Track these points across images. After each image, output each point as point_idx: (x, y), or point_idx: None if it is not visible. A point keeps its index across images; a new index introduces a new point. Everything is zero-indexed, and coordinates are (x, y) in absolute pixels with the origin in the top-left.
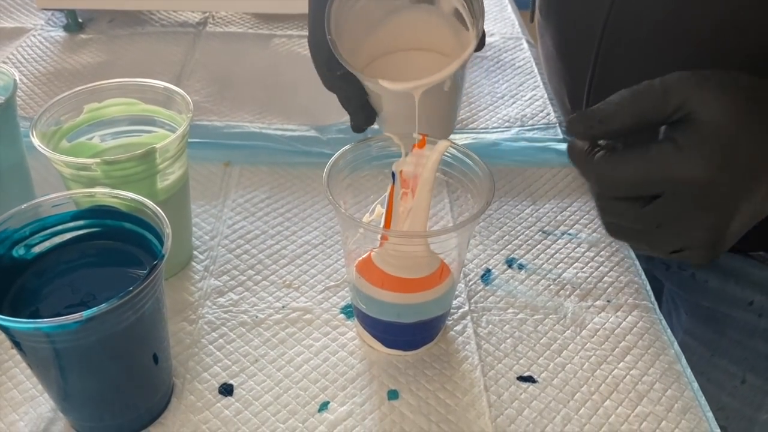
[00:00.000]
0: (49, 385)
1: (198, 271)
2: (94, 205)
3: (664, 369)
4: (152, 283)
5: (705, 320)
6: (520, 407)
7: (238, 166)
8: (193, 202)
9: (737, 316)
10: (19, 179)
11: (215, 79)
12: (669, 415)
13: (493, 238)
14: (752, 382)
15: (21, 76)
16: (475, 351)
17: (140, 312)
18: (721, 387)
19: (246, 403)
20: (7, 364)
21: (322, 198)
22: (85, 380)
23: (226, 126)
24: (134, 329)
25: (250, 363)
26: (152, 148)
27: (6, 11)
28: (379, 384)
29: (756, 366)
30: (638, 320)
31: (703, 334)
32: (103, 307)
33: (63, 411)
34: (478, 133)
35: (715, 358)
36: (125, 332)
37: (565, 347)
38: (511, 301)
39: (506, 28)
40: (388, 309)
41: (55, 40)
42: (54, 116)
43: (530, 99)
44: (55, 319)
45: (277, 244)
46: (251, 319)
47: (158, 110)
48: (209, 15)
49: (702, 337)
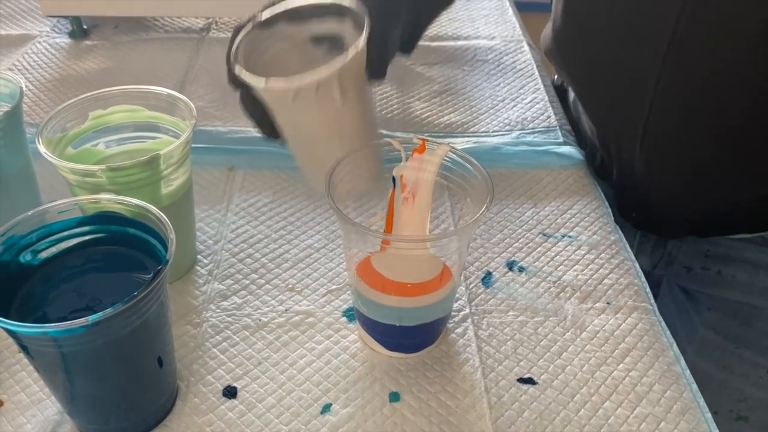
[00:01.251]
0: (56, 388)
1: (202, 275)
2: (99, 211)
3: (664, 370)
4: (157, 287)
5: (731, 314)
6: (520, 409)
7: (242, 171)
8: (197, 207)
9: (765, 306)
10: (25, 186)
11: (219, 84)
12: (668, 416)
13: (494, 241)
14: None
15: (26, 82)
16: (475, 353)
17: (145, 316)
18: (746, 378)
19: (249, 405)
20: (14, 368)
21: (324, 202)
22: (91, 383)
23: (230, 131)
24: (139, 333)
25: (253, 366)
26: (156, 154)
27: (12, 18)
28: (380, 386)
29: None
30: (638, 322)
31: (727, 327)
32: (108, 311)
33: (69, 414)
34: (479, 137)
35: (739, 350)
36: (130, 336)
37: (565, 349)
38: (512, 303)
39: (507, 31)
40: (390, 312)
41: (60, 47)
42: (60, 123)
43: (531, 102)
44: (61, 324)
45: (280, 248)
46: (254, 323)
47: (162, 117)
48: (213, 21)
49: (726, 331)
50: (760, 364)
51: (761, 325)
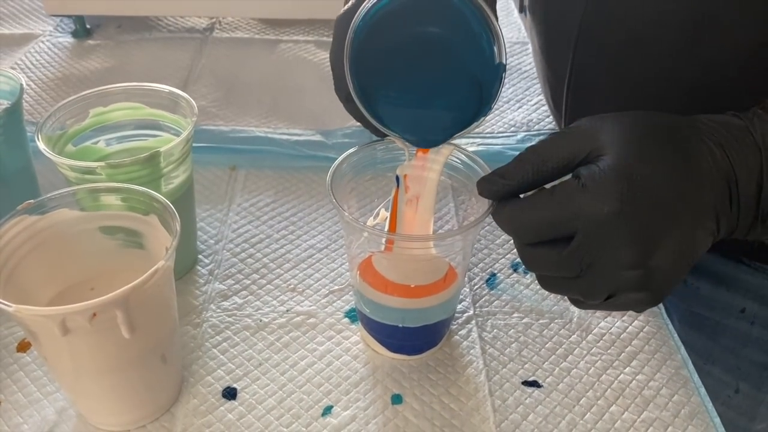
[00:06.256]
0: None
1: (203, 274)
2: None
3: (671, 374)
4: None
5: (697, 328)
6: (524, 412)
7: (244, 171)
8: (199, 206)
9: (729, 324)
10: (25, 183)
11: (222, 83)
12: (676, 421)
13: (499, 242)
14: (746, 392)
15: (29, 81)
16: (479, 355)
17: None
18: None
19: (249, 406)
20: (12, 368)
21: (326, 202)
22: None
23: (232, 130)
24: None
25: (253, 367)
26: (156, 151)
27: (15, 17)
28: (383, 388)
29: (749, 375)
30: (645, 325)
31: (695, 342)
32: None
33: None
34: (484, 138)
35: (708, 367)
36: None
37: (571, 352)
38: (516, 305)
39: (512, 32)
40: (393, 313)
41: (63, 46)
42: (60, 120)
43: (536, 104)
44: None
45: (281, 248)
46: (255, 323)
47: (163, 114)
48: (216, 20)
49: (694, 346)
50: (729, 383)
51: (727, 342)
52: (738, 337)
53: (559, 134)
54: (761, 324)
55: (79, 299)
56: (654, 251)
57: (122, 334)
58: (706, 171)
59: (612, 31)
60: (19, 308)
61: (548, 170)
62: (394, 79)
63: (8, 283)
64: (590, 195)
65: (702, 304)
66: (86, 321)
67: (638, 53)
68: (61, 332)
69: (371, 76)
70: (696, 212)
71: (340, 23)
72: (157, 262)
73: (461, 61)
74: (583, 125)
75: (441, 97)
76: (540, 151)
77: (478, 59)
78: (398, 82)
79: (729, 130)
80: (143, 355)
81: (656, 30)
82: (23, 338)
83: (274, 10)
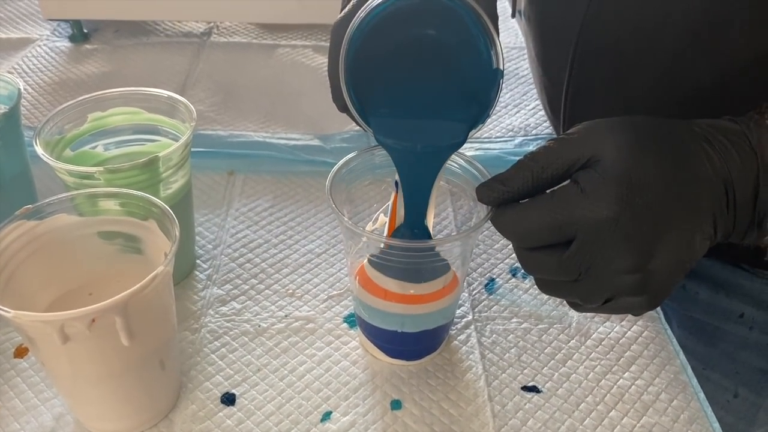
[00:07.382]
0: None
1: (201, 280)
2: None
3: (670, 379)
4: None
5: (696, 333)
6: (524, 417)
7: (242, 175)
8: (197, 211)
9: (728, 329)
10: (22, 188)
11: (219, 88)
12: (675, 426)
13: (497, 247)
14: (745, 396)
15: (26, 86)
16: (478, 361)
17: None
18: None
19: (248, 412)
20: (9, 374)
21: (325, 207)
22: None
23: (230, 135)
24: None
25: (252, 372)
26: (155, 156)
27: (12, 22)
28: (382, 394)
29: (748, 380)
30: (643, 329)
31: (694, 347)
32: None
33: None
34: (481, 143)
35: (707, 372)
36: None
37: (570, 357)
38: (515, 310)
39: (510, 37)
40: (392, 319)
41: (61, 51)
42: (58, 125)
43: (533, 109)
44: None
45: (280, 253)
46: (254, 329)
47: (162, 119)
48: (214, 25)
49: (693, 350)
50: (728, 388)
51: (726, 347)
52: (737, 342)
53: (558, 140)
54: (760, 329)
55: (77, 305)
56: (652, 255)
57: (121, 340)
58: (704, 175)
59: (613, 37)
60: (18, 314)
61: (548, 177)
62: (390, 88)
63: (6, 289)
64: (589, 200)
65: (701, 309)
66: (85, 327)
67: (638, 59)
68: (60, 338)
69: (367, 87)
70: (693, 216)
71: (337, 30)
72: (156, 268)
73: (458, 68)
74: (581, 131)
75: (438, 105)
76: (539, 158)
77: (475, 66)
78: (395, 90)
79: (725, 135)
80: (142, 360)
81: (658, 36)
82: (20, 344)
83: (271, 14)
